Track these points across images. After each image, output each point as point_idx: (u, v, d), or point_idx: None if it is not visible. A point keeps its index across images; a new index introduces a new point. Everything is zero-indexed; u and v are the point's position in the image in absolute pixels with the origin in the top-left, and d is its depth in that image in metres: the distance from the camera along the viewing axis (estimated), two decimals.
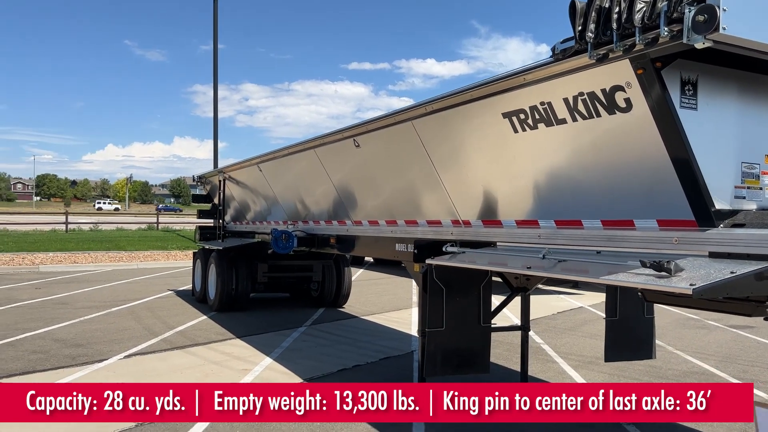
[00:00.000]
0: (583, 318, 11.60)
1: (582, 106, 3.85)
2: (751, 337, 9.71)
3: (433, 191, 5.70)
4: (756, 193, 3.66)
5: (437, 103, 5.04)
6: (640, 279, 3.35)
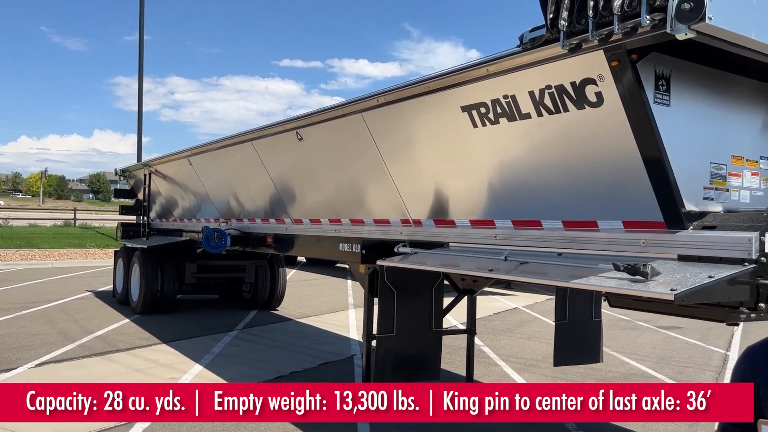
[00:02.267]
0: (520, 319, 11.62)
1: (549, 100, 3.65)
2: (681, 338, 9.95)
3: (382, 188, 5.40)
4: (723, 194, 3.56)
5: (391, 94, 4.74)
6: (613, 283, 3.16)
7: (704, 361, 8.37)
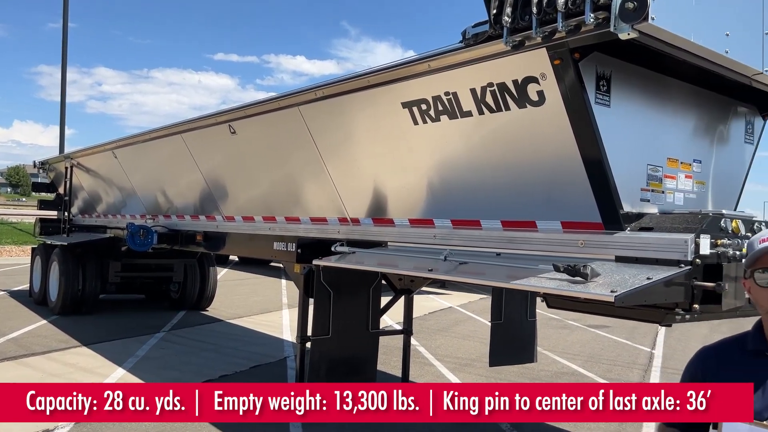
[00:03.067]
0: (455, 318, 11.67)
1: (491, 97, 3.59)
2: (609, 337, 10.23)
3: (319, 186, 5.24)
4: (659, 196, 3.60)
5: (330, 87, 4.59)
6: (553, 284, 3.12)
7: (632, 359, 8.61)
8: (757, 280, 1.74)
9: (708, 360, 1.89)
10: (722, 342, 1.92)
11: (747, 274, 1.79)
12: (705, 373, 1.86)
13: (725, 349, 1.88)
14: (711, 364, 1.87)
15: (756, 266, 1.75)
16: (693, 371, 1.91)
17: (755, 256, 1.75)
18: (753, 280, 1.76)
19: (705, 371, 1.86)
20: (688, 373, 1.93)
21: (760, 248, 1.74)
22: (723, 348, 1.89)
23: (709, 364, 1.87)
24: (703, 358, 1.91)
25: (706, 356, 1.91)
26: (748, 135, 4.19)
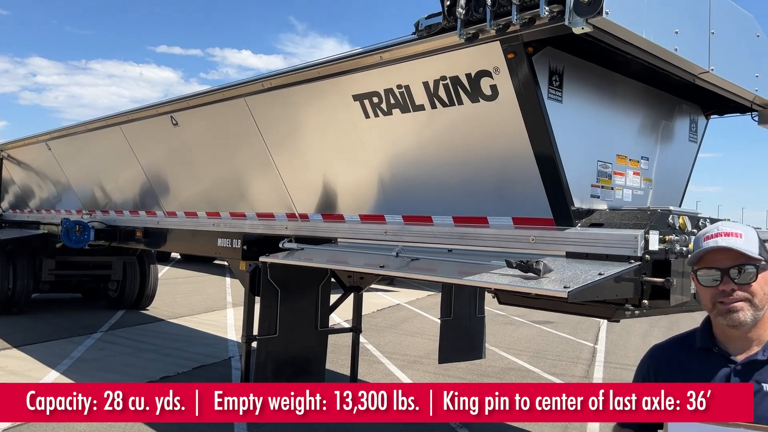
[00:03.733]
0: (403, 315, 11.66)
1: (443, 91, 3.53)
2: (554, 332, 10.41)
3: (266, 180, 5.08)
4: (608, 192, 3.62)
5: (278, 78, 4.44)
6: (506, 280, 3.09)
7: (576, 354, 8.77)
8: (699, 279, 1.72)
9: (659, 358, 1.88)
10: (672, 340, 1.90)
11: (693, 271, 1.78)
12: (657, 371, 1.84)
13: (675, 347, 1.87)
14: (662, 362, 1.85)
15: (700, 265, 1.73)
16: (645, 370, 1.89)
17: (699, 254, 1.73)
18: (697, 279, 1.74)
19: (657, 369, 1.84)
20: (640, 371, 1.91)
21: (703, 247, 1.72)
22: (673, 346, 1.87)
23: (660, 362, 1.86)
24: (654, 357, 1.90)
25: (657, 355, 1.89)
26: (692, 134, 4.28)
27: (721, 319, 1.67)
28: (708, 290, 1.69)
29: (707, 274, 1.69)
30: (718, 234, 1.69)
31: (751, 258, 1.64)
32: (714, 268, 1.67)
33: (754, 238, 1.68)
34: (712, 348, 1.74)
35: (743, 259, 1.64)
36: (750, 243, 1.66)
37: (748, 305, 1.64)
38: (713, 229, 1.73)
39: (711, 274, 1.67)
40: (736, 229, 1.70)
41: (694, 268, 1.74)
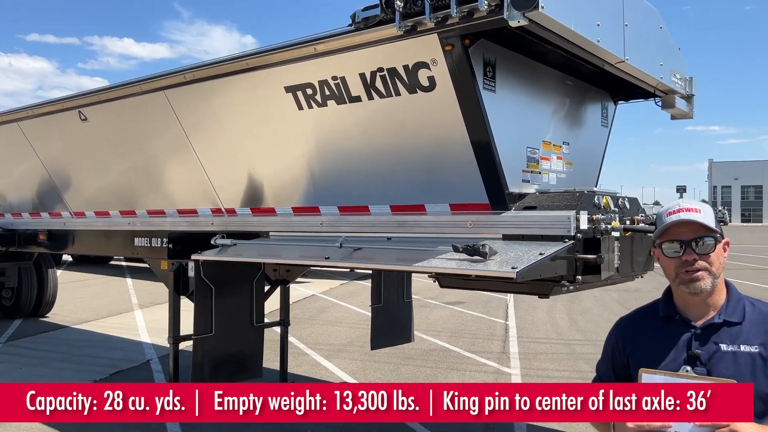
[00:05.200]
0: (319, 306, 11.66)
1: (380, 83, 3.58)
2: (467, 312, 10.82)
3: (188, 175, 4.92)
4: (537, 176, 3.83)
5: (202, 70, 4.31)
6: (453, 264, 3.21)
7: (490, 331, 9.17)
8: (664, 251, 1.90)
9: (625, 329, 2.05)
10: (636, 311, 2.08)
11: (656, 244, 1.96)
12: (625, 341, 2.01)
13: (639, 317, 2.04)
14: (629, 332, 2.02)
15: (664, 238, 1.91)
16: (614, 341, 2.05)
17: (663, 228, 1.91)
18: (661, 251, 1.92)
19: (624, 339, 2.01)
20: (609, 343, 2.07)
21: (667, 222, 1.90)
22: (638, 316, 2.05)
23: (627, 332, 2.03)
24: (621, 328, 2.07)
25: (624, 326, 2.06)
26: (603, 119, 4.60)
27: (684, 287, 1.85)
28: (671, 261, 1.87)
29: (671, 247, 1.86)
30: (680, 209, 1.87)
31: (710, 230, 1.83)
32: (677, 240, 1.84)
33: (711, 214, 1.87)
34: (673, 316, 1.92)
35: (703, 231, 1.83)
36: (708, 217, 1.85)
37: (707, 274, 1.83)
38: (675, 205, 1.91)
39: (674, 246, 1.85)
40: (695, 205, 1.89)
41: (658, 242, 1.91)
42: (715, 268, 1.84)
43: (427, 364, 7.26)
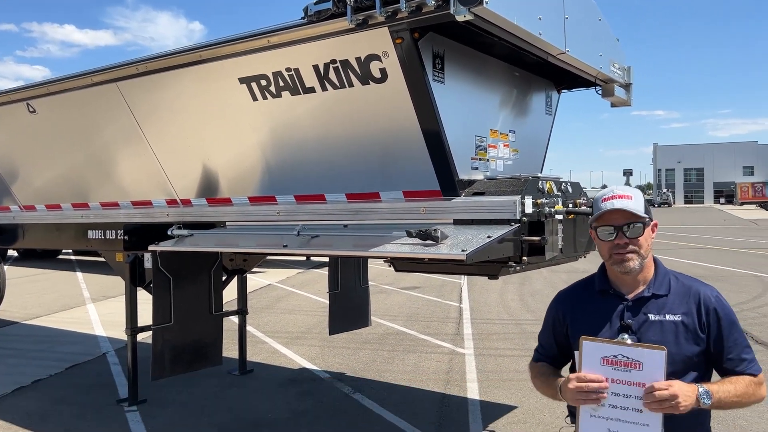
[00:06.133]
0: (276, 295, 11.71)
1: (334, 74, 3.68)
2: (422, 296, 11.05)
3: (142, 167, 4.92)
4: (485, 164, 4.00)
5: (154, 62, 4.31)
6: (407, 248, 3.35)
7: (445, 314, 9.42)
8: (599, 234, 2.08)
9: (564, 301, 2.23)
10: (574, 285, 2.27)
11: (592, 227, 2.13)
12: (564, 313, 2.19)
13: (577, 291, 2.23)
14: (567, 304, 2.21)
15: (599, 223, 2.08)
16: (554, 312, 2.24)
17: (598, 214, 2.08)
18: (596, 234, 2.10)
19: (564, 311, 2.20)
20: (550, 314, 2.25)
21: (602, 209, 2.06)
22: (576, 290, 2.23)
23: (566, 304, 2.21)
24: (560, 301, 2.25)
25: (563, 299, 2.25)
26: (547, 107, 4.81)
27: (616, 266, 2.04)
28: (605, 243, 2.05)
29: (605, 230, 2.04)
30: (614, 197, 2.04)
31: (639, 217, 2.01)
32: (610, 225, 2.02)
33: (641, 199, 2.06)
34: (608, 290, 2.11)
35: (633, 218, 2.01)
36: (638, 204, 2.03)
37: (636, 255, 2.02)
38: (609, 192, 2.09)
39: (608, 230, 2.03)
40: (627, 192, 2.07)
41: (594, 225, 2.09)
42: (644, 250, 2.03)
43: (384, 348, 7.44)
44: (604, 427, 1.89)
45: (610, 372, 1.91)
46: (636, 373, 1.88)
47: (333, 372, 6.46)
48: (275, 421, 5.07)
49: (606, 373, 1.91)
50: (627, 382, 1.89)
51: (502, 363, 6.61)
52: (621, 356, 1.91)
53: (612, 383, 1.90)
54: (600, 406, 1.90)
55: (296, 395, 5.74)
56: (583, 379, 1.91)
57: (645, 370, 1.87)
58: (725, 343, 1.98)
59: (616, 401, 1.89)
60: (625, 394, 1.88)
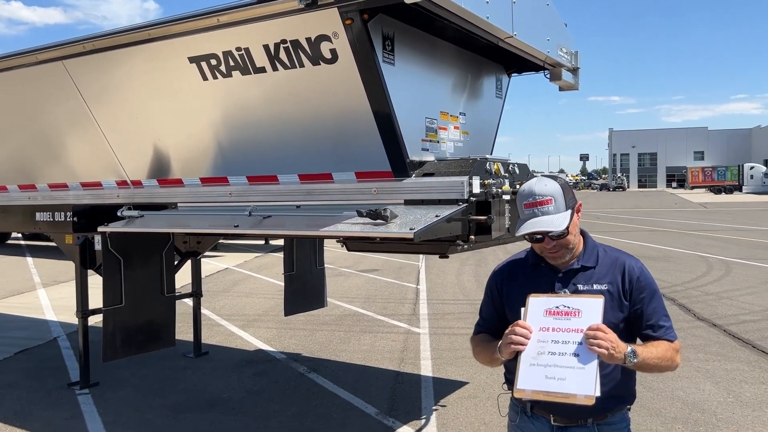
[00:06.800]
0: (233, 279, 11.65)
1: (284, 54, 3.68)
2: (380, 279, 11.16)
3: (91, 148, 4.84)
4: (435, 145, 4.07)
5: (102, 40, 4.23)
6: (358, 228, 3.41)
7: (402, 296, 9.54)
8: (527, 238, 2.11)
9: (501, 274, 2.32)
10: (509, 260, 2.36)
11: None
12: (500, 286, 2.29)
13: (512, 266, 2.32)
14: (503, 277, 2.30)
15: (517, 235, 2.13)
16: (491, 285, 2.33)
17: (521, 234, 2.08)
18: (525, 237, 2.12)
19: (500, 284, 2.29)
20: (489, 287, 2.34)
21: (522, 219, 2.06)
22: (511, 265, 2.33)
23: (503, 277, 2.31)
24: (497, 274, 2.34)
25: (499, 272, 2.34)
26: (498, 90, 4.90)
27: (548, 260, 2.15)
28: (535, 245, 2.14)
29: (533, 237, 2.10)
30: (534, 204, 2.03)
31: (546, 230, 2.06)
32: (537, 235, 2.08)
33: (560, 196, 2.06)
34: (540, 263, 2.21)
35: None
36: (558, 206, 2.04)
37: (564, 249, 2.12)
38: (529, 194, 2.08)
39: (536, 237, 2.09)
40: (545, 192, 2.06)
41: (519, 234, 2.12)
42: (571, 243, 2.12)
43: (341, 329, 7.51)
44: (542, 374, 1.97)
45: (551, 322, 2.02)
46: (575, 320, 1.99)
47: (289, 353, 6.51)
48: (230, 401, 5.10)
49: (547, 324, 2.02)
50: (566, 329, 1.99)
51: (455, 341, 6.76)
52: (562, 306, 2.02)
53: (552, 332, 2.00)
54: (539, 355, 1.99)
55: (251, 375, 5.77)
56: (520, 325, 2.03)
57: (583, 317, 1.99)
58: (646, 309, 2.10)
59: (554, 348, 1.98)
60: (563, 341, 1.98)
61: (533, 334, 2.02)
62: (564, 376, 1.95)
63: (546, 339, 2.01)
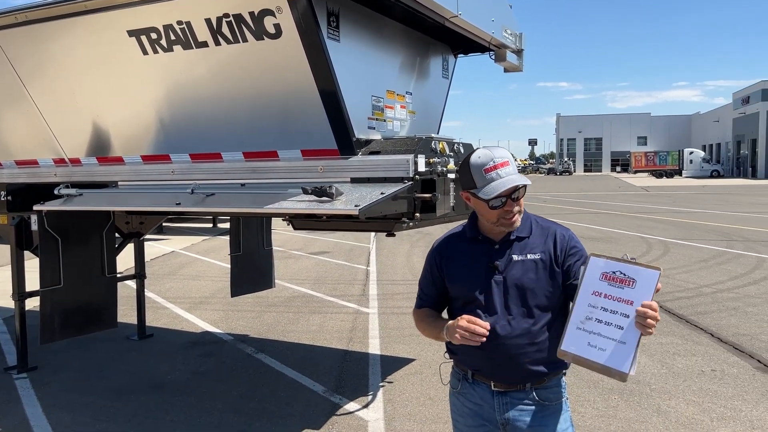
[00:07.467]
0: (179, 262, 11.44)
1: (227, 28, 3.61)
2: (331, 261, 11.15)
3: (25, 124, 4.66)
4: (382, 124, 4.08)
5: (36, 11, 4.06)
6: (303, 205, 3.40)
7: (352, 277, 9.57)
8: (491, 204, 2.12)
9: (441, 249, 2.36)
10: (448, 234, 2.40)
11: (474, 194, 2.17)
12: (440, 259, 2.33)
13: (451, 239, 2.36)
14: (443, 251, 2.34)
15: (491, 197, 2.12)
16: (430, 261, 2.36)
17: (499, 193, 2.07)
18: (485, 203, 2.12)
19: (440, 256, 2.33)
20: (429, 261, 2.38)
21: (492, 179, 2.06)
22: (450, 238, 2.37)
23: (442, 251, 2.34)
24: (437, 248, 2.38)
25: (439, 247, 2.37)
26: (444, 71, 4.94)
27: (504, 227, 2.16)
28: (495, 211, 2.14)
29: (498, 200, 2.12)
30: (496, 166, 2.07)
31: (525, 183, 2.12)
32: (504, 196, 2.11)
33: (512, 159, 2.16)
34: (477, 236, 2.25)
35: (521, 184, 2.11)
36: (514, 167, 2.13)
37: (519, 214, 2.17)
38: (488, 160, 2.10)
39: (499, 200, 2.12)
40: (504, 155, 2.12)
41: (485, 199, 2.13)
42: (522, 206, 2.18)
43: (290, 310, 7.49)
44: (585, 340, 1.96)
45: (605, 287, 1.98)
46: (628, 290, 1.95)
47: (236, 334, 6.46)
48: (176, 382, 5.04)
49: (601, 289, 1.98)
50: (617, 299, 1.95)
51: (404, 320, 6.84)
52: (619, 273, 1.98)
53: (603, 298, 1.97)
54: (587, 320, 1.97)
55: (198, 357, 5.71)
56: (472, 321, 2.04)
57: (636, 288, 1.95)
58: (575, 265, 2.17)
59: (602, 316, 1.96)
60: (612, 310, 1.95)
61: (584, 297, 1.99)
62: (605, 347, 1.94)
63: (596, 305, 1.98)
